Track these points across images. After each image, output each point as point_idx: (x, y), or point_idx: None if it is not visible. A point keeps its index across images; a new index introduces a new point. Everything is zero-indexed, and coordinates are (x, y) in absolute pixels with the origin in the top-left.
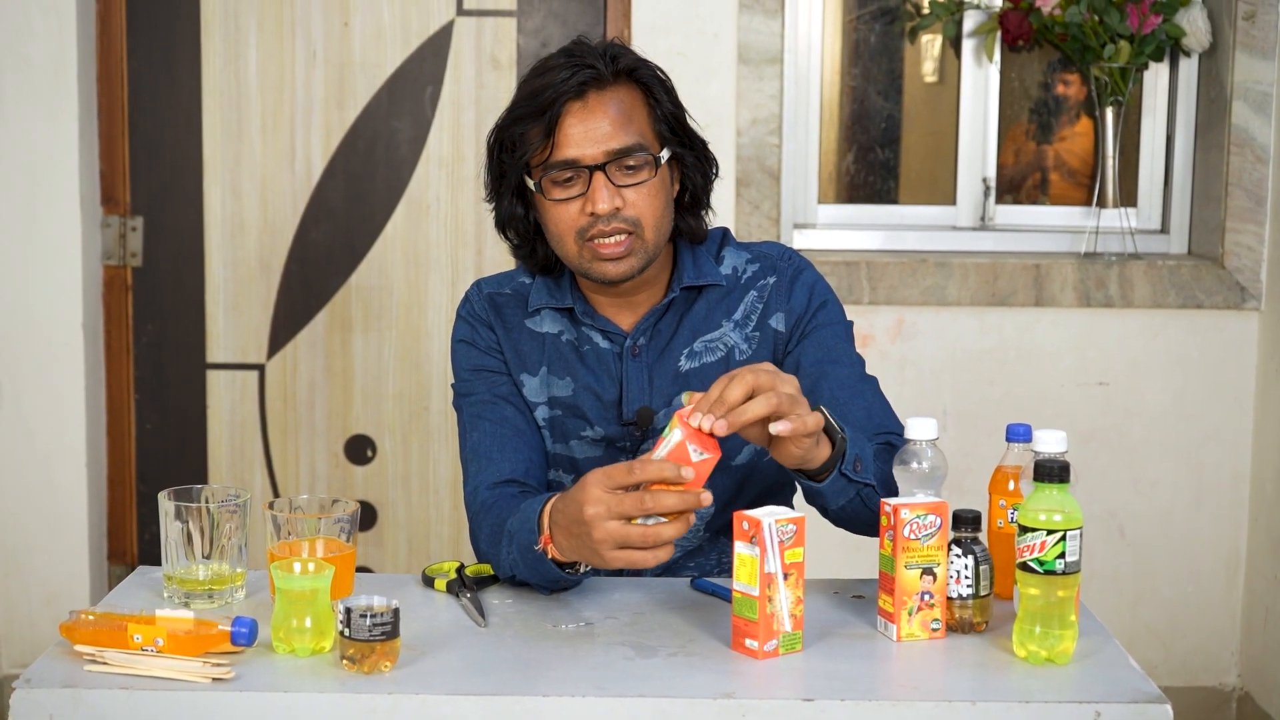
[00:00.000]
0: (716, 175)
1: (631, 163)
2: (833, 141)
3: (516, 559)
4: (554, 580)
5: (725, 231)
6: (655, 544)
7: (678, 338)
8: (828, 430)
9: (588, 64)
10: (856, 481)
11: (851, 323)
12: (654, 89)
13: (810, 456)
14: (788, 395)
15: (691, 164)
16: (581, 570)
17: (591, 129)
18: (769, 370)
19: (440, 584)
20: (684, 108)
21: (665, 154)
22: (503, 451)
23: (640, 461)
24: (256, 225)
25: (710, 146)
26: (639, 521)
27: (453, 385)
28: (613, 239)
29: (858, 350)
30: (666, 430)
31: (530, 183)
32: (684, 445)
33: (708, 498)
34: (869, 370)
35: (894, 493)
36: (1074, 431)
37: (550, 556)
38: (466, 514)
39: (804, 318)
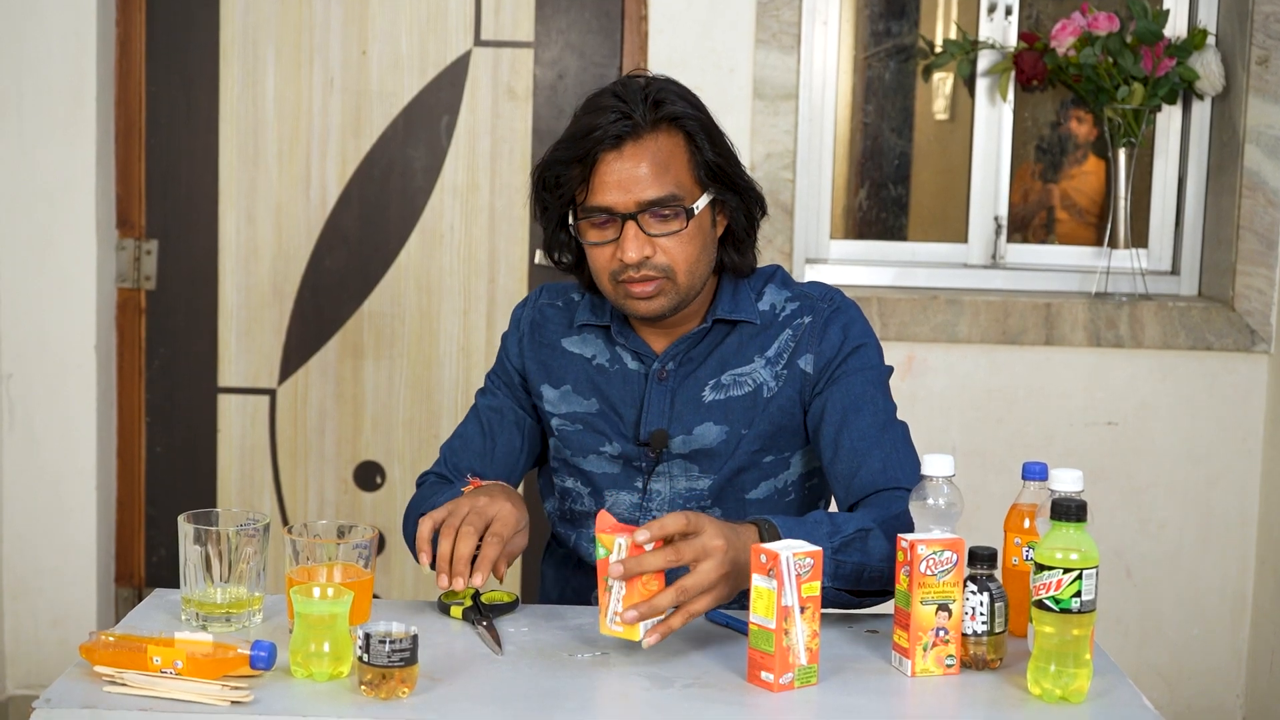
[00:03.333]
0: (763, 215)
1: (665, 212)
2: (845, 177)
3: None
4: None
5: (778, 269)
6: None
7: (706, 367)
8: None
9: (628, 112)
10: None
11: (890, 368)
12: (696, 136)
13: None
14: (697, 576)
15: (736, 205)
16: None
17: (625, 179)
18: (704, 522)
19: (456, 611)
20: (730, 150)
21: (704, 200)
22: (463, 456)
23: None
24: (270, 251)
25: (759, 186)
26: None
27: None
28: (641, 286)
29: (891, 397)
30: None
31: (570, 218)
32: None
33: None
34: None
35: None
36: (1082, 470)
37: None
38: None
39: (834, 361)
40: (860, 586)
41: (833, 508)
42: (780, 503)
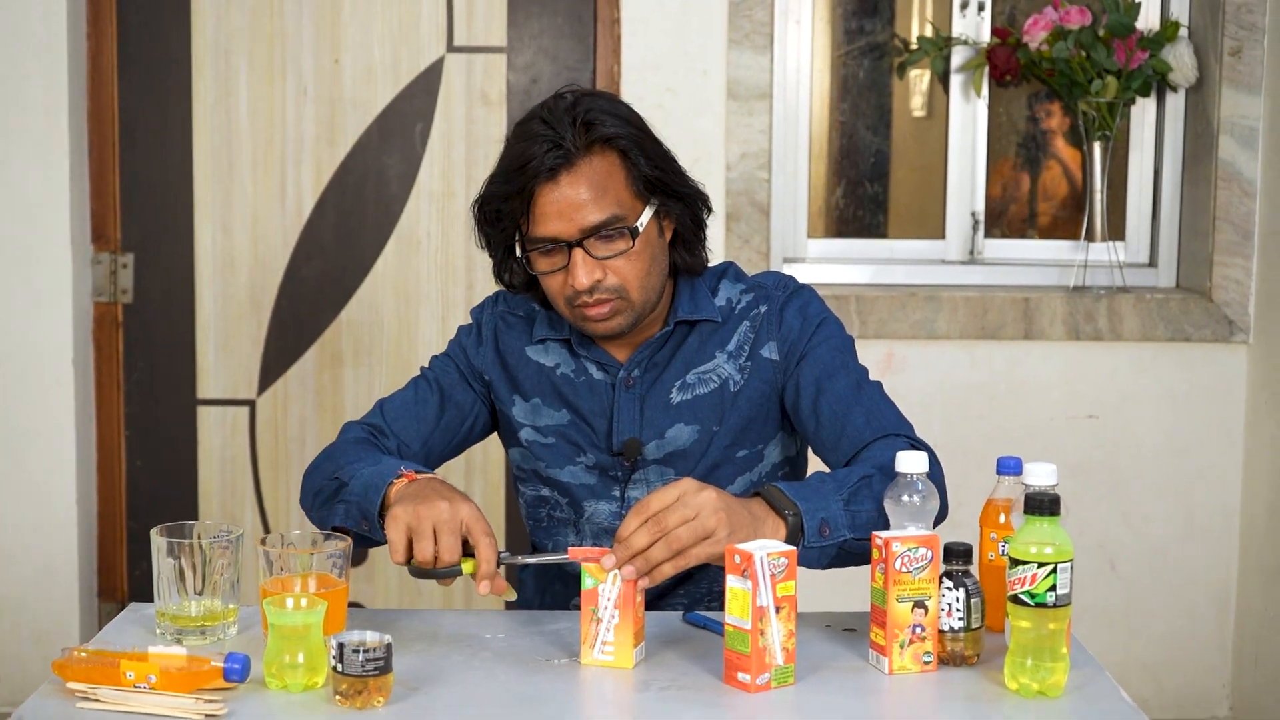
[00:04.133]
0: (709, 214)
1: (609, 233)
2: (822, 176)
3: (353, 496)
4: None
5: (730, 266)
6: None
7: (670, 370)
8: (776, 508)
9: (558, 140)
10: (831, 544)
11: (851, 338)
12: (630, 153)
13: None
14: (691, 525)
15: (680, 210)
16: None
17: (565, 208)
18: (670, 502)
19: (470, 565)
20: (667, 157)
21: (647, 214)
22: (402, 420)
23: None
24: (247, 261)
25: (701, 185)
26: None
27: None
28: (596, 308)
29: (860, 362)
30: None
31: (518, 249)
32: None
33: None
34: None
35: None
36: (1064, 464)
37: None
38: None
39: (798, 343)
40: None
41: None
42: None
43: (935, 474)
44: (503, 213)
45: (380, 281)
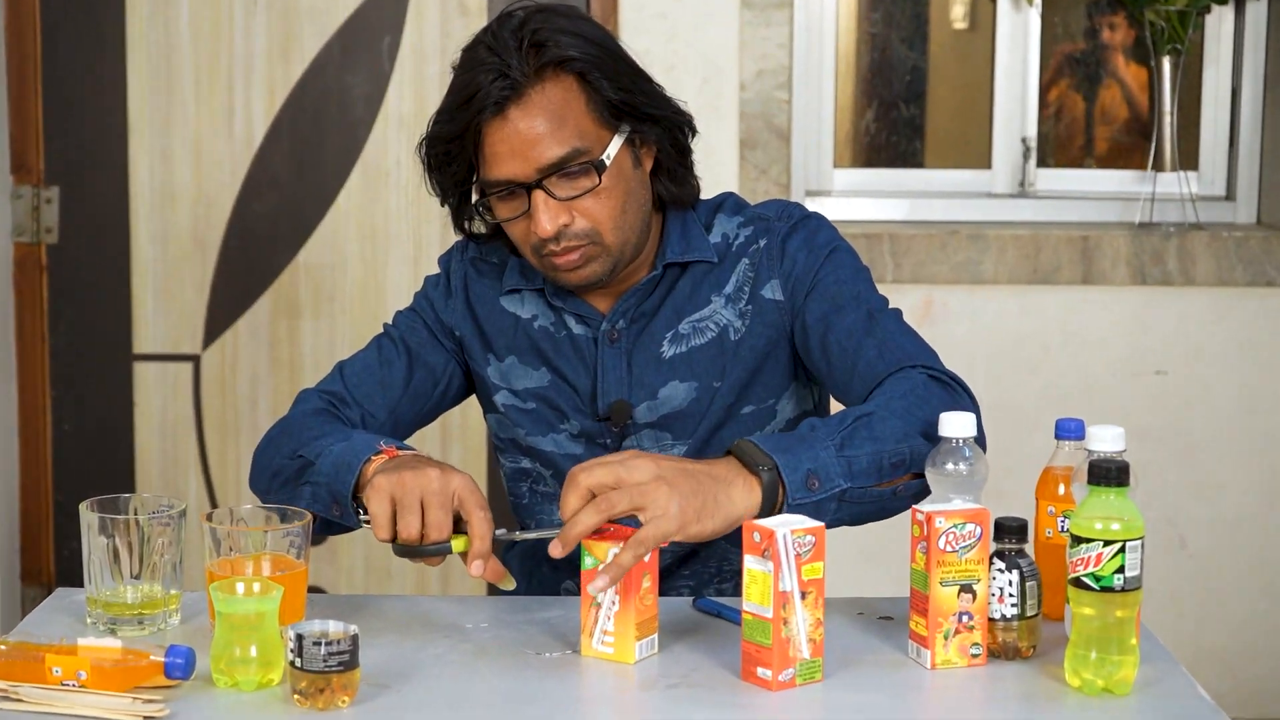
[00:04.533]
0: (693, 134)
1: (572, 170)
2: (850, 97)
3: (321, 475)
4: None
5: (728, 197)
6: None
7: (660, 319)
8: (748, 465)
9: (503, 69)
10: (826, 498)
11: (866, 269)
12: (589, 75)
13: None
14: (629, 488)
15: (657, 134)
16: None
17: (518, 145)
18: (611, 462)
19: (460, 543)
20: (636, 75)
21: (615, 144)
22: (365, 387)
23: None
24: (190, 196)
25: (682, 103)
26: None
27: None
28: (565, 256)
29: (877, 291)
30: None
31: (474, 196)
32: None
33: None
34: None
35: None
36: (1127, 427)
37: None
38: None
39: (805, 278)
40: (884, 477)
41: None
42: None
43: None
44: (452, 155)
45: (343, 219)
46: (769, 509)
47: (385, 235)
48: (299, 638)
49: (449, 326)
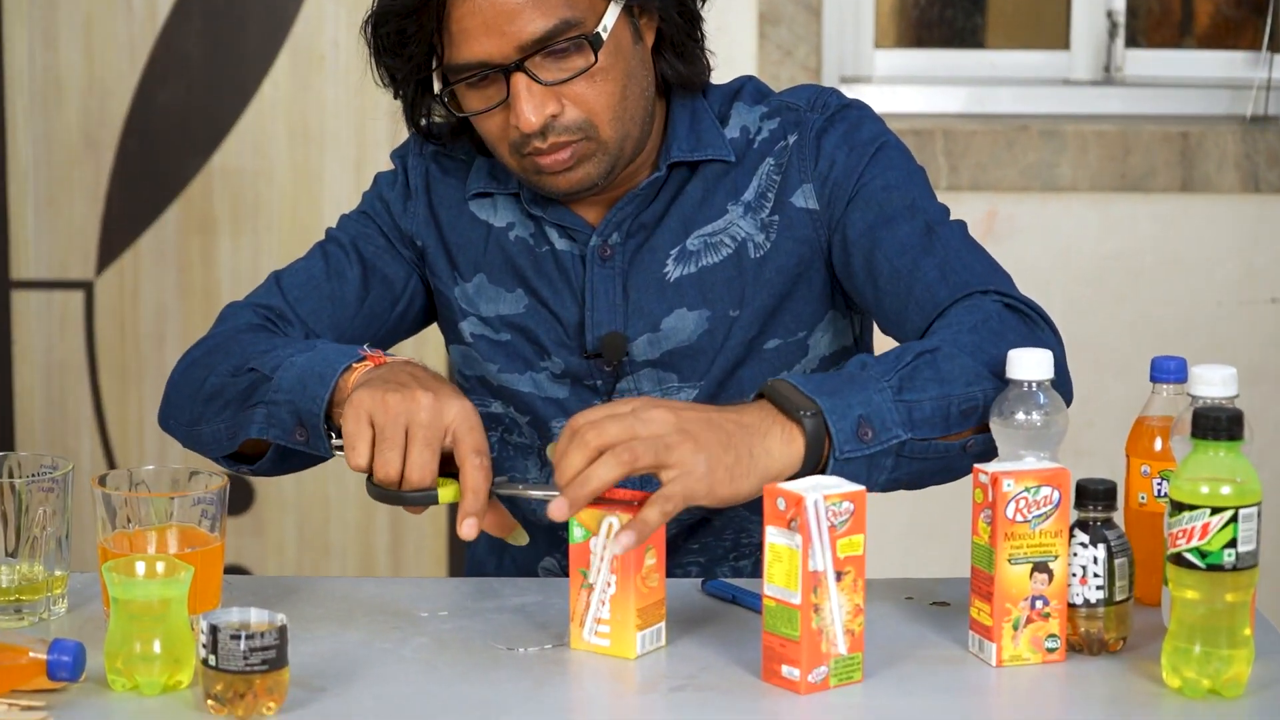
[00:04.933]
0: (704, 3)
1: (560, 47)
2: None
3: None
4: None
5: (747, 81)
6: None
7: (662, 232)
8: (786, 410)
9: None
10: (882, 450)
11: (922, 170)
12: None
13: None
14: (651, 439)
15: (660, 1)
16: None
17: (494, 17)
18: (621, 413)
19: (449, 492)
20: None
21: (612, 12)
22: (310, 301)
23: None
24: (79, 86)
25: None
26: None
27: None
28: (553, 155)
29: (935, 197)
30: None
31: (436, 85)
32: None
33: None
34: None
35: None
36: (1239, 367)
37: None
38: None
39: (844, 181)
40: (951, 429)
41: None
42: None
43: (1045, 345)
44: (408, 35)
45: (268, 114)
46: (813, 465)
47: (320, 134)
48: (213, 630)
49: (408, 234)
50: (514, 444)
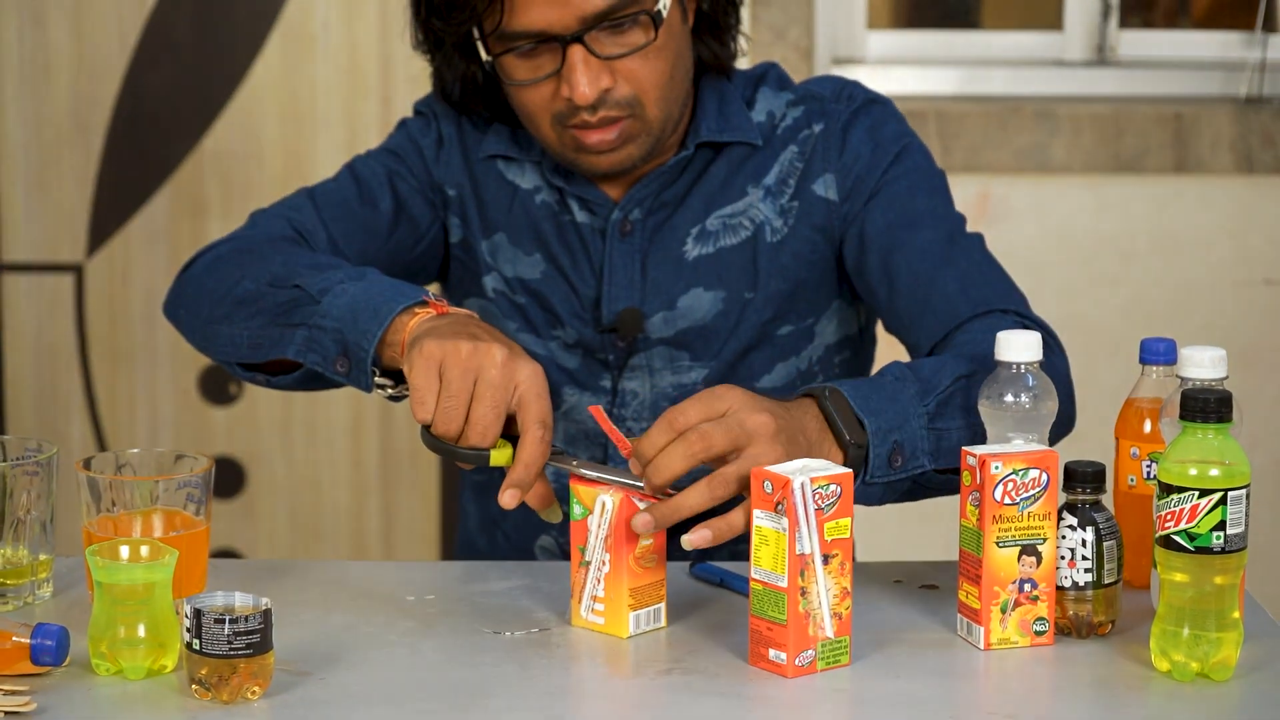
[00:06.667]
0: None
1: (621, 21)
2: None
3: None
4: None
5: (771, 68)
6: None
7: (685, 211)
8: (833, 425)
9: None
10: (902, 478)
11: (943, 174)
12: None
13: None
14: (735, 421)
15: None
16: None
17: None
18: (701, 397)
19: (502, 455)
20: None
21: None
22: (342, 223)
23: None
24: (69, 67)
25: None
26: None
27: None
28: (601, 132)
29: (954, 205)
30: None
31: (482, 52)
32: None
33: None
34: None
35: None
36: (1230, 349)
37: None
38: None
39: (866, 176)
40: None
41: None
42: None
43: (1055, 368)
44: (456, 1)
45: (259, 94)
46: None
47: (311, 116)
48: (197, 614)
49: (438, 182)
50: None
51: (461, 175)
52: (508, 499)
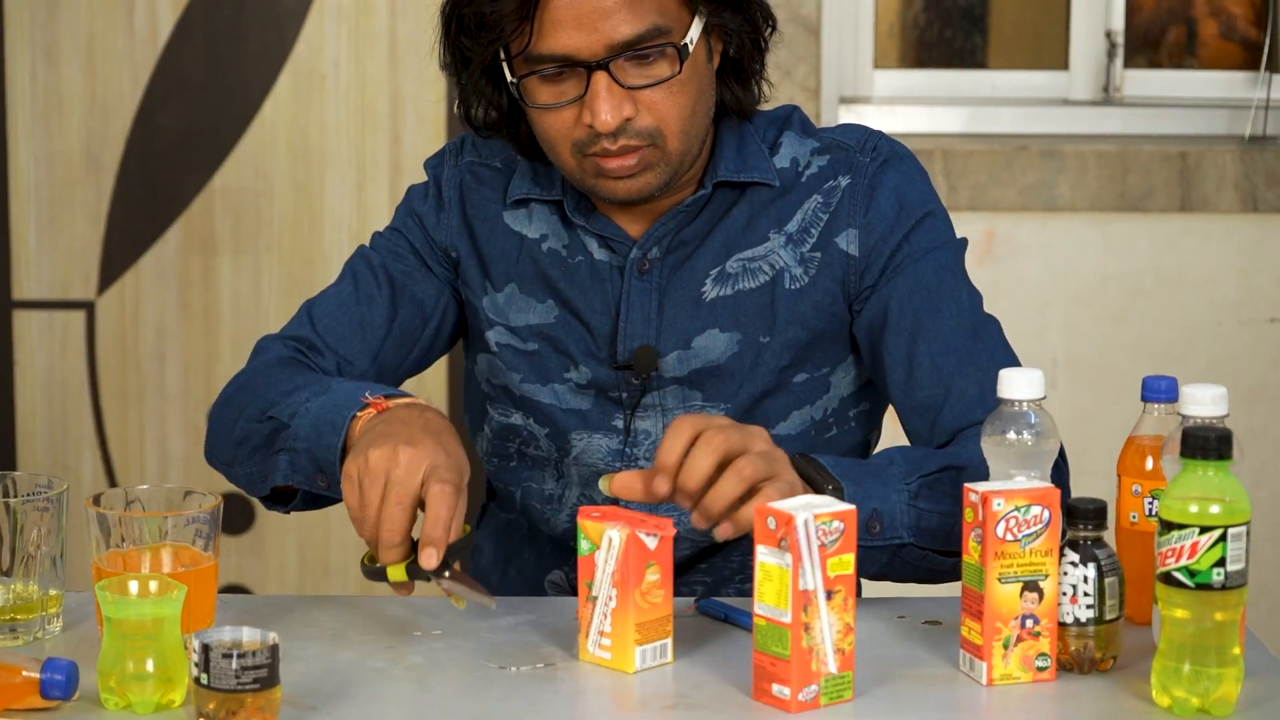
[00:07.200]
0: (773, 32)
1: (647, 53)
2: None
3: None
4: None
5: (794, 111)
6: None
7: (704, 251)
8: (812, 483)
9: None
10: (880, 546)
11: (963, 241)
12: None
13: None
14: (761, 456)
15: (737, 25)
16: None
17: (588, 14)
18: (725, 424)
19: (396, 572)
20: None
21: (697, 27)
22: (340, 329)
23: None
24: (81, 105)
25: None
26: None
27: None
28: (621, 159)
29: (970, 281)
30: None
31: (507, 74)
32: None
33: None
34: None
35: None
36: (1234, 387)
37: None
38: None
39: (889, 239)
40: (953, 545)
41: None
42: (819, 439)
43: (1059, 474)
44: (489, 19)
45: (269, 133)
46: None
47: (321, 154)
48: (205, 649)
49: (442, 247)
50: (530, 456)
51: (459, 237)
52: (424, 559)
